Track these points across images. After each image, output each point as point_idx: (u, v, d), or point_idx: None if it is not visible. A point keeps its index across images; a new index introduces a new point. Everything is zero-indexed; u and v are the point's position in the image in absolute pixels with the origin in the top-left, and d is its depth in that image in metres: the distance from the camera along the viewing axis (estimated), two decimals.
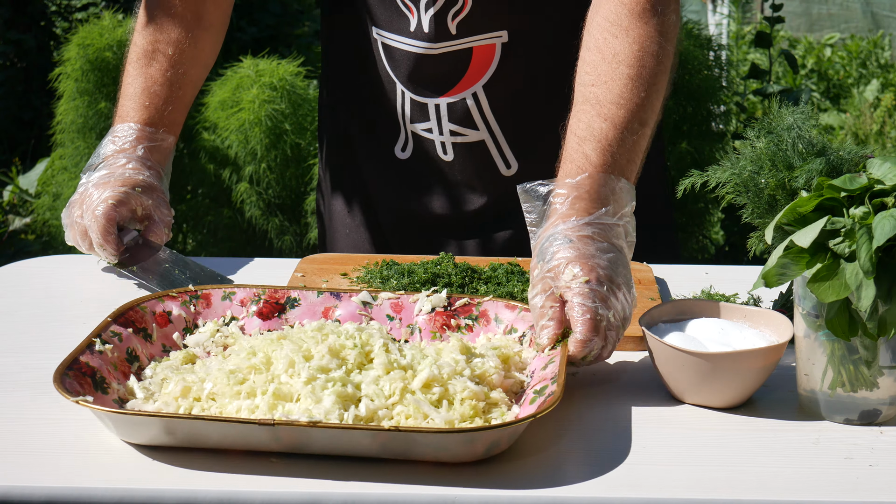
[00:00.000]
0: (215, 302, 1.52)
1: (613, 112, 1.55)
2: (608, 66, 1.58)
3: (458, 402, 1.29)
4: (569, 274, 1.42)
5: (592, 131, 1.54)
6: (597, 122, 1.55)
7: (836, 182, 1.30)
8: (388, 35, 1.89)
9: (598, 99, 1.57)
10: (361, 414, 1.26)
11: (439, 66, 1.87)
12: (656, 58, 1.59)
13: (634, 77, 1.57)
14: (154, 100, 1.84)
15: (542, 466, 1.25)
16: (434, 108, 1.90)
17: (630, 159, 1.54)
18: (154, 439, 1.25)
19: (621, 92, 1.56)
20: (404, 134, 1.96)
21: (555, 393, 1.27)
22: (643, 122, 1.56)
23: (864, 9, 7.06)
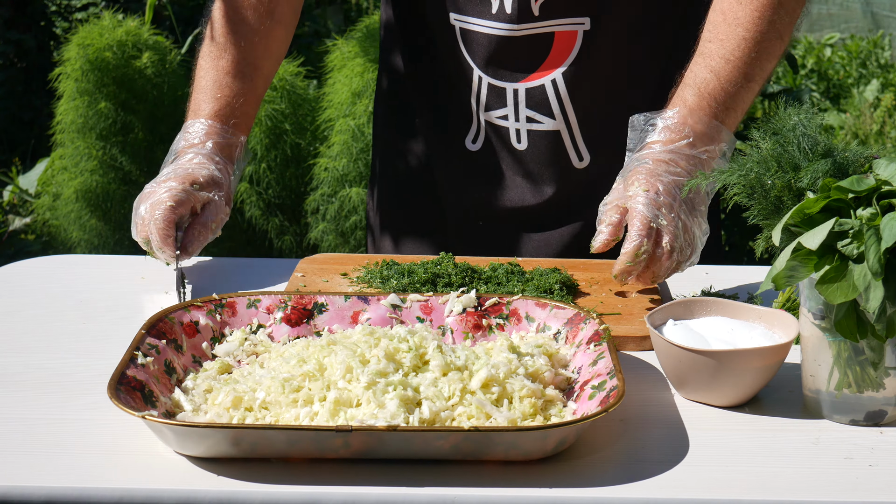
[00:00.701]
0: (240, 310, 1.52)
1: (720, 66, 1.71)
2: (727, 26, 1.73)
3: (517, 401, 1.31)
4: (635, 186, 1.62)
5: (696, 79, 1.71)
6: (703, 72, 1.71)
7: (844, 183, 1.30)
8: (468, 19, 1.89)
9: (710, 53, 1.73)
10: (425, 416, 1.26)
11: (520, 49, 1.88)
12: (773, 25, 1.72)
13: (749, 39, 1.72)
14: (225, 91, 1.84)
15: (541, 466, 1.25)
16: (512, 92, 1.91)
17: (728, 107, 1.70)
18: (217, 451, 1.24)
19: (733, 49, 1.72)
20: (476, 124, 1.97)
21: (618, 388, 1.29)
22: (749, 77, 1.71)
23: (864, 9, 7.06)
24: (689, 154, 1.67)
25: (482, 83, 1.92)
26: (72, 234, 3.79)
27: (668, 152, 1.66)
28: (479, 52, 1.91)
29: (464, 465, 1.24)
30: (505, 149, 1.96)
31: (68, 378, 1.45)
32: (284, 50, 1.94)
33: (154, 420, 1.23)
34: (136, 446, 1.28)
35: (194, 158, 1.78)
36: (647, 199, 1.61)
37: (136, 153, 3.81)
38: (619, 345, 1.55)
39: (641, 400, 1.40)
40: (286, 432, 1.22)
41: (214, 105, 1.83)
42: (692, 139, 1.67)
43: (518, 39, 1.87)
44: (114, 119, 3.74)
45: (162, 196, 1.69)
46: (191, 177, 1.73)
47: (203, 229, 1.73)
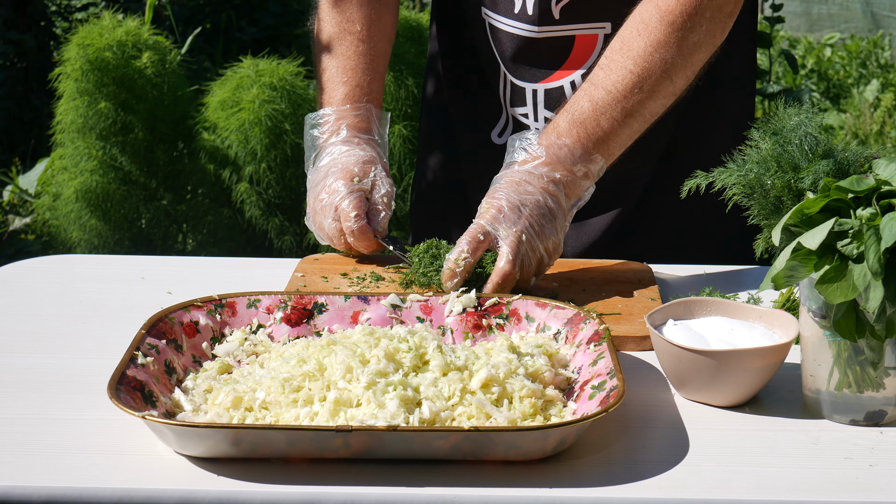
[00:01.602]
0: (240, 310, 1.52)
1: (601, 96, 1.71)
2: (620, 56, 1.72)
3: (517, 401, 1.31)
4: (482, 204, 1.68)
5: (573, 106, 1.72)
6: (583, 100, 1.72)
7: (843, 183, 1.30)
8: (496, 16, 1.92)
9: (595, 80, 1.73)
10: (425, 416, 1.27)
11: (540, 50, 1.89)
12: (665, 65, 1.71)
13: (635, 74, 1.70)
14: (350, 75, 1.89)
15: (541, 466, 1.25)
16: (531, 93, 1.92)
17: (599, 139, 1.70)
18: (217, 451, 1.24)
19: (615, 81, 1.71)
20: (505, 117, 1.99)
21: (618, 388, 1.29)
22: (629, 113, 1.71)
23: (864, 9, 7.05)
24: (541, 174, 1.68)
25: (507, 80, 1.95)
26: (72, 234, 3.79)
27: (523, 172, 1.69)
28: (504, 49, 1.93)
29: (464, 465, 1.24)
30: None
31: (68, 378, 1.45)
32: (395, 30, 1.99)
33: (154, 420, 1.23)
34: (136, 446, 1.28)
35: (341, 151, 1.83)
36: (488, 216, 1.65)
37: (136, 153, 3.81)
38: (619, 345, 1.55)
39: (641, 400, 1.40)
40: (286, 432, 1.22)
41: (343, 89, 1.88)
42: (547, 161, 1.69)
43: (539, 41, 1.89)
44: (114, 119, 3.74)
45: (344, 207, 1.77)
46: (349, 172, 1.79)
47: (380, 212, 1.80)
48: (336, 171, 1.80)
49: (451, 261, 1.63)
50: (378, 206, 1.80)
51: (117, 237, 3.80)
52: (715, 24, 1.72)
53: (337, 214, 1.77)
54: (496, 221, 1.65)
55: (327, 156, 1.84)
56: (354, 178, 1.79)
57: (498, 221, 1.65)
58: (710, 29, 1.72)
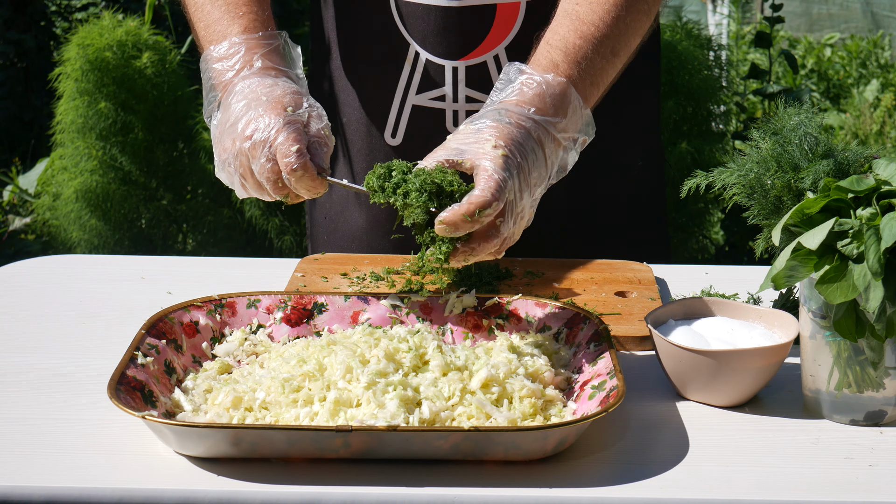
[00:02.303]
0: (240, 310, 1.52)
1: (591, 32, 1.55)
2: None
3: (517, 401, 1.31)
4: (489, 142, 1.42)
5: (566, 45, 1.54)
6: (572, 37, 1.55)
7: (843, 183, 1.30)
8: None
9: (579, 16, 1.56)
10: (425, 416, 1.27)
11: (461, 23, 1.78)
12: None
13: (620, 5, 1.57)
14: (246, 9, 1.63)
15: (541, 466, 1.25)
16: (451, 70, 1.81)
17: (593, 82, 1.54)
18: (217, 451, 1.24)
19: (603, 16, 1.56)
20: (397, 114, 1.86)
21: (618, 388, 1.29)
22: (615, 51, 1.56)
23: (864, 9, 7.05)
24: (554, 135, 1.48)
25: (419, 60, 1.82)
26: (72, 234, 3.79)
27: (535, 122, 1.47)
28: (417, 26, 1.80)
29: (464, 465, 1.24)
30: (432, 137, 1.77)
31: (68, 378, 1.45)
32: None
33: (154, 420, 1.23)
34: (136, 446, 1.28)
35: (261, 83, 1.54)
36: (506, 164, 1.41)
37: (136, 153, 3.81)
38: (619, 345, 1.55)
39: (641, 400, 1.40)
40: (286, 432, 1.22)
41: (242, 21, 1.61)
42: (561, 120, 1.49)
43: (458, 11, 1.77)
44: (114, 119, 3.74)
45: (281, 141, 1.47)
46: (279, 104, 1.51)
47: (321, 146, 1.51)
48: (261, 103, 1.51)
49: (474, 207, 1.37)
50: (318, 139, 1.50)
51: (117, 237, 3.80)
52: None
53: (271, 153, 1.47)
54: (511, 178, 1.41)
55: (240, 91, 1.53)
56: (287, 108, 1.50)
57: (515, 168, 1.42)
58: None
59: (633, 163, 1.94)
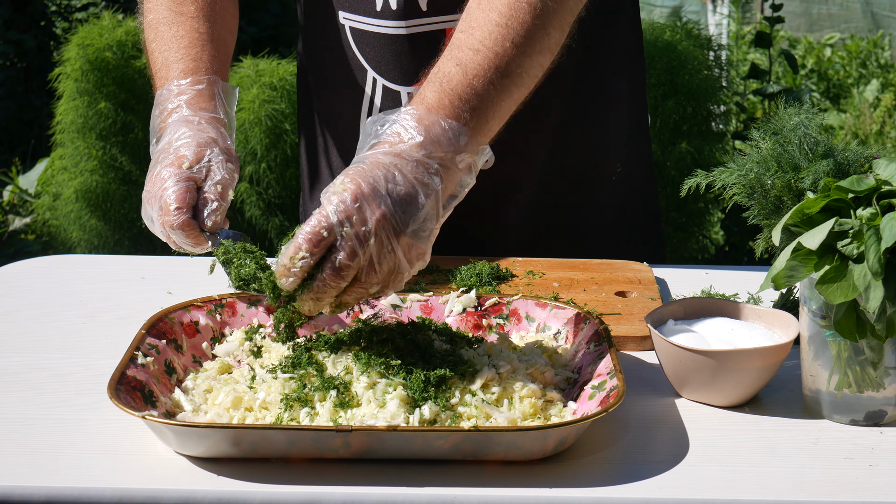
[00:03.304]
0: (240, 310, 1.52)
1: (469, 57, 1.43)
2: (480, 12, 1.46)
3: (517, 401, 1.31)
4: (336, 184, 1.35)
5: (439, 73, 1.43)
6: (448, 65, 1.43)
7: (844, 183, 1.30)
8: (355, 17, 1.77)
9: (459, 44, 1.45)
10: (426, 416, 1.26)
11: (411, 49, 1.75)
12: (535, 12, 1.45)
13: (503, 25, 1.44)
14: (186, 51, 1.63)
15: (541, 466, 1.25)
16: (407, 97, 1.79)
17: (475, 107, 1.40)
18: (217, 451, 1.24)
19: (483, 38, 1.44)
20: None
21: (618, 388, 1.29)
22: (505, 73, 1.43)
23: (864, 9, 7.05)
24: (418, 159, 1.36)
25: (377, 86, 1.79)
26: (72, 234, 3.79)
27: (393, 155, 1.36)
28: (370, 53, 1.78)
29: (464, 465, 1.24)
30: None
31: (68, 378, 1.45)
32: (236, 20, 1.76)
33: (154, 420, 1.23)
34: (136, 446, 1.28)
35: (175, 133, 1.55)
36: (338, 202, 1.34)
37: (135, 153, 3.81)
38: (619, 345, 1.55)
39: (641, 400, 1.40)
40: (286, 432, 1.22)
41: (180, 66, 1.62)
42: (423, 141, 1.37)
43: (408, 38, 1.75)
44: (114, 119, 3.74)
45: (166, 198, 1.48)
46: (179, 158, 1.51)
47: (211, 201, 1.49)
48: (165, 157, 1.52)
49: (287, 258, 1.37)
50: (209, 195, 1.48)
51: (117, 237, 3.80)
52: None
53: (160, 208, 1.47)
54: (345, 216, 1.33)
55: (164, 139, 1.55)
56: (184, 163, 1.50)
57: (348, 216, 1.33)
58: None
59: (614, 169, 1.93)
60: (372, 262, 1.33)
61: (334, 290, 1.34)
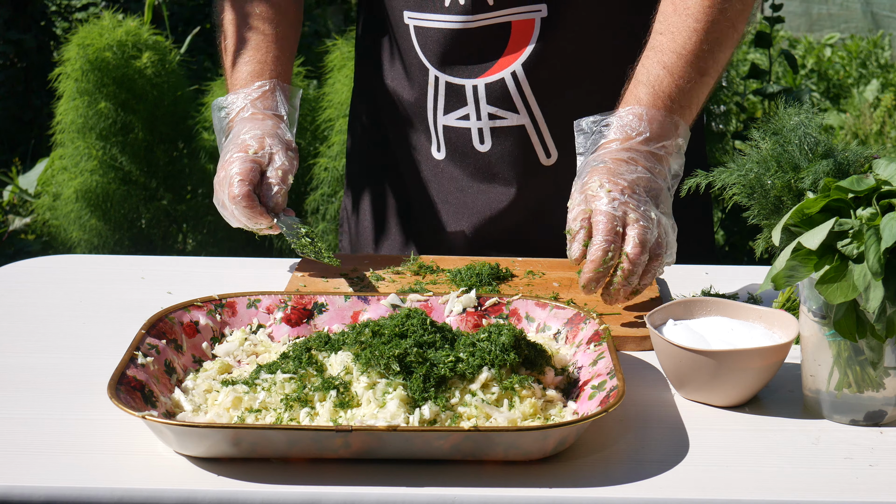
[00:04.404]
0: (241, 310, 1.52)
1: (672, 61, 1.66)
2: (678, 17, 1.68)
3: (517, 401, 1.30)
4: (596, 186, 1.56)
5: (649, 77, 1.66)
6: (655, 68, 1.66)
7: (844, 183, 1.30)
8: (421, 16, 1.85)
9: (662, 47, 1.67)
10: (426, 416, 1.26)
11: (476, 41, 1.83)
12: (725, 14, 1.67)
13: (700, 30, 1.67)
14: (252, 54, 1.84)
15: (541, 466, 1.25)
16: (472, 89, 1.85)
17: (683, 104, 1.65)
18: (217, 451, 1.24)
19: (684, 42, 1.66)
20: (435, 133, 1.91)
21: (618, 388, 1.29)
22: (702, 71, 1.67)
23: (864, 9, 7.06)
24: (647, 151, 1.61)
25: (439, 84, 1.87)
26: (72, 234, 3.79)
27: (627, 150, 1.61)
28: (434, 49, 1.85)
29: (464, 465, 1.24)
30: (467, 154, 1.90)
31: (68, 378, 1.45)
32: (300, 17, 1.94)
33: (154, 420, 1.23)
34: (136, 446, 1.28)
35: (241, 129, 1.77)
36: (610, 199, 1.56)
37: (136, 153, 3.81)
38: (619, 345, 1.55)
39: (641, 400, 1.40)
40: (286, 432, 1.22)
41: (248, 69, 1.83)
42: (648, 136, 1.62)
43: (473, 31, 1.82)
44: (114, 119, 3.74)
45: (231, 176, 1.70)
46: (244, 146, 1.73)
47: (272, 184, 1.73)
48: (233, 147, 1.74)
49: (596, 261, 1.53)
50: (271, 179, 1.72)
51: (117, 237, 3.80)
52: None
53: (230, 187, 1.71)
54: (623, 206, 1.55)
55: (231, 134, 1.78)
56: (249, 150, 1.73)
57: (624, 206, 1.55)
58: None
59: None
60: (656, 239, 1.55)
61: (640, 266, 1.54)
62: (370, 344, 1.35)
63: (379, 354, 1.32)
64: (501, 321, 1.49)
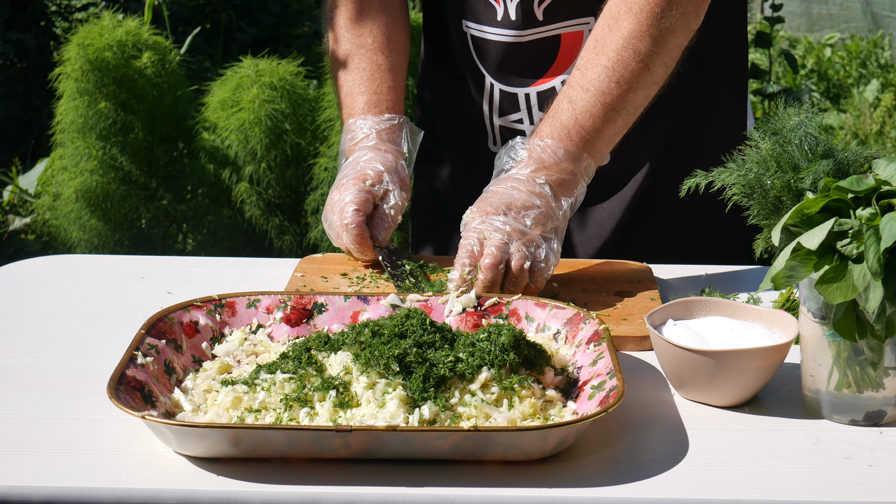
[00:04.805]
0: (240, 310, 1.52)
1: (578, 95, 1.71)
2: (593, 53, 1.73)
3: (517, 401, 1.31)
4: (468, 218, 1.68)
5: (554, 110, 1.73)
6: (562, 103, 1.73)
7: (843, 183, 1.30)
8: (477, 26, 1.93)
9: (572, 82, 1.73)
10: (425, 416, 1.26)
11: (528, 54, 1.90)
12: (639, 56, 1.70)
13: (609, 68, 1.71)
14: (368, 84, 1.92)
15: (541, 466, 1.25)
16: (524, 97, 1.93)
17: (584, 138, 1.70)
18: (217, 451, 1.24)
19: (592, 79, 1.71)
20: (492, 130, 2.00)
21: (618, 388, 1.29)
22: (611, 107, 1.71)
23: (864, 9, 7.06)
24: (525, 177, 1.68)
25: (494, 90, 1.95)
26: (72, 234, 3.79)
27: (506, 179, 1.69)
28: (489, 58, 1.93)
29: (464, 465, 1.24)
30: None
31: (68, 378, 1.45)
32: (408, 44, 2.00)
33: (154, 420, 1.23)
34: (136, 446, 1.28)
35: (362, 156, 1.84)
36: (473, 225, 1.65)
37: (136, 153, 3.81)
38: (619, 345, 1.55)
39: (641, 400, 1.40)
40: (286, 432, 1.22)
41: (365, 98, 1.90)
42: (527, 163, 1.69)
43: (525, 45, 1.89)
44: (114, 119, 3.74)
45: (346, 203, 1.76)
46: (362, 175, 1.80)
47: (384, 219, 1.79)
48: (352, 172, 1.81)
49: (457, 279, 1.61)
50: (384, 216, 1.79)
51: (117, 237, 3.80)
52: (687, 7, 1.71)
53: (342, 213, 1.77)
54: (484, 227, 1.64)
55: (352, 159, 1.85)
56: (367, 180, 1.79)
57: (485, 227, 1.63)
58: (683, 12, 1.71)
59: None
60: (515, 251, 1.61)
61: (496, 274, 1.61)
62: (370, 344, 1.35)
63: (378, 354, 1.32)
64: (501, 321, 1.49)
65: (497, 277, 1.60)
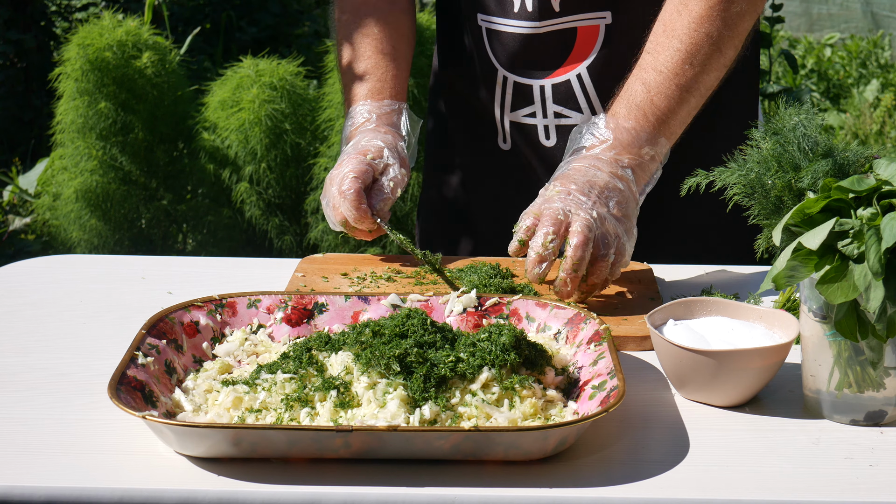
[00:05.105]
0: (241, 310, 1.52)
1: (651, 77, 1.73)
2: (664, 37, 1.75)
3: (517, 401, 1.31)
4: (549, 190, 1.66)
5: (628, 92, 1.74)
6: (635, 84, 1.74)
7: (844, 183, 1.30)
8: (493, 19, 1.93)
9: (644, 65, 1.75)
10: (426, 416, 1.26)
11: (544, 46, 1.91)
12: (711, 39, 1.73)
13: (682, 51, 1.73)
14: (372, 72, 1.94)
15: (541, 466, 1.25)
16: (539, 89, 1.93)
17: (660, 119, 1.72)
18: (217, 451, 1.24)
19: (665, 61, 1.73)
20: (501, 127, 2.00)
21: (618, 388, 1.29)
22: (684, 88, 1.73)
23: (864, 9, 7.06)
24: (609, 158, 1.69)
25: (507, 83, 1.96)
26: (72, 234, 3.79)
27: (589, 157, 1.69)
28: (503, 51, 1.94)
29: (464, 465, 1.24)
30: (533, 148, 1.99)
31: (68, 378, 1.45)
32: (413, 35, 2.02)
33: (154, 420, 1.23)
34: (136, 446, 1.28)
35: (363, 137, 1.85)
36: (558, 199, 1.63)
37: (136, 153, 3.81)
38: (619, 345, 1.55)
39: (641, 400, 1.40)
40: (286, 432, 1.22)
41: (367, 86, 1.92)
42: (612, 144, 1.70)
43: (541, 36, 1.90)
44: (114, 119, 3.74)
45: (345, 173, 1.77)
46: (363, 150, 1.81)
47: (383, 190, 1.80)
48: (352, 149, 1.83)
49: (539, 244, 1.59)
50: (383, 187, 1.79)
51: (117, 237, 3.80)
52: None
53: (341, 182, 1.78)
54: (568, 203, 1.62)
55: (353, 142, 1.86)
56: (368, 154, 1.80)
57: (569, 203, 1.62)
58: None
59: None
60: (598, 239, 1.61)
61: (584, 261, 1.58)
62: (370, 344, 1.35)
63: (379, 354, 1.32)
64: (502, 321, 1.49)
65: (586, 257, 1.59)
